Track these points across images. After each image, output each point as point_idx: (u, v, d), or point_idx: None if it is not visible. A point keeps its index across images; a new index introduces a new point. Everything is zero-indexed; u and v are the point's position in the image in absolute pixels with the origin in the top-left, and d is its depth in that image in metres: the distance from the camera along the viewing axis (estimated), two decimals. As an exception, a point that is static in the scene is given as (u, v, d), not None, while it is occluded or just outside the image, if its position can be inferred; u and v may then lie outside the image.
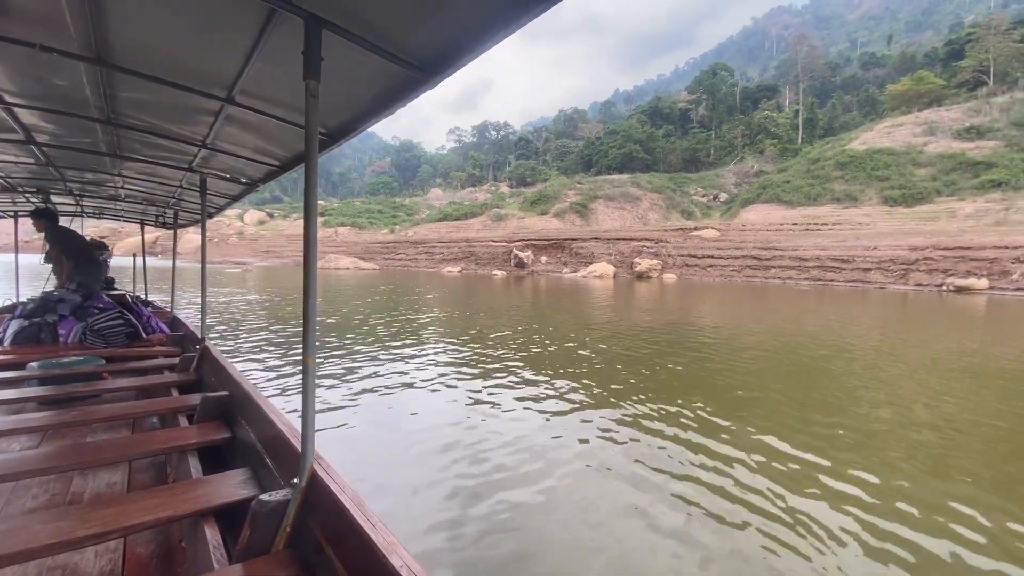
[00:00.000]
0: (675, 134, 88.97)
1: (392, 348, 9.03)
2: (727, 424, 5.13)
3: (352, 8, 1.39)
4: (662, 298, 22.32)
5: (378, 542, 1.20)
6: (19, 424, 2.68)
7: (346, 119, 2.19)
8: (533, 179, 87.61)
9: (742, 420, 5.26)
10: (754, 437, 4.79)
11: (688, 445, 4.57)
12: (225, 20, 1.54)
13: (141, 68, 1.91)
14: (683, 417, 5.34)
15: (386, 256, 55.95)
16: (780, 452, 4.46)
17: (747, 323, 13.83)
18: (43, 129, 2.87)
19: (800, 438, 4.81)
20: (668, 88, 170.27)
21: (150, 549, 1.96)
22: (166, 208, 5.52)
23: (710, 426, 5.08)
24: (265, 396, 2.40)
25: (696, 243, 41.98)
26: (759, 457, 4.32)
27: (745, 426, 5.07)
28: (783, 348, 9.86)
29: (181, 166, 3.48)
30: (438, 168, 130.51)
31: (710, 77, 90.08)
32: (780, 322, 14.02)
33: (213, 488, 1.89)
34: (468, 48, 1.41)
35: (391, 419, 5.28)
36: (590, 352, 9.01)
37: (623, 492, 3.69)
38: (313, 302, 1.58)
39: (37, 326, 4.50)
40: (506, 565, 2.80)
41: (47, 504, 2.33)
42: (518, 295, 22.86)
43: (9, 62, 1.95)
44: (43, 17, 1.59)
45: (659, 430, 4.96)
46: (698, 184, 69.29)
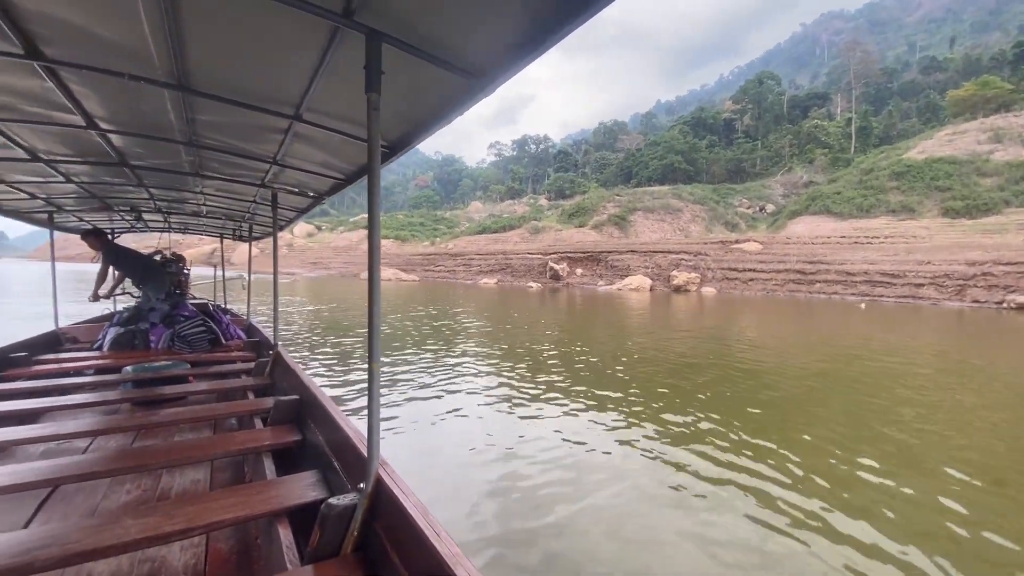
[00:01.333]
0: (719, 144, 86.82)
1: (432, 357, 9.30)
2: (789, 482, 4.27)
3: (410, 20, 1.43)
4: (702, 312, 21.82)
5: (443, 552, 1.20)
6: (116, 424, 2.92)
7: (406, 130, 2.24)
8: (572, 191, 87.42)
9: (823, 491, 4.17)
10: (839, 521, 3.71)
11: (748, 492, 4.06)
12: (292, 42, 1.61)
13: (217, 92, 2.03)
14: (741, 454, 4.83)
15: (426, 268, 57.13)
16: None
17: (799, 341, 13.09)
18: (134, 152, 3.07)
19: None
20: (711, 98, 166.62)
21: (230, 545, 2.05)
22: (242, 222, 5.86)
23: (766, 479, 4.33)
24: (332, 400, 2.49)
25: (737, 256, 40.71)
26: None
27: (818, 494, 4.08)
28: (840, 373, 9.01)
29: (255, 182, 3.68)
30: (478, 181, 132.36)
31: (756, 86, 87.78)
32: (832, 341, 13.18)
33: (286, 489, 1.96)
34: (522, 53, 1.43)
35: (433, 428, 5.44)
36: (627, 368, 8.90)
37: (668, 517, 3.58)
38: (377, 310, 1.62)
39: (131, 333, 4.93)
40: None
41: (139, 499, 2.48)
42: (552, 307, 22.93)
43: (103, 92, 2.11)
44: (131, 49, 1.70)
45: (709, 456, 4.73)
46: (743, 195, 67.18)
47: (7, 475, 2.06)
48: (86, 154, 3.06)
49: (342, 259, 67.12)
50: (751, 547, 3.26)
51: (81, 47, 1.69)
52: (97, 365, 4.31)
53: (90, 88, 2.05)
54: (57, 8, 1.47)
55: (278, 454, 2.55)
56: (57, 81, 1.93)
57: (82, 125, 2.43)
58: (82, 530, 1.61)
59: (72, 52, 1.72)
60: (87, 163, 3.25)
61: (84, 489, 2.52)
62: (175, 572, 1.87)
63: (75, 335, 5.79)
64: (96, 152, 2.99)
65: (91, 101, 2.20)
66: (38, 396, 3.49)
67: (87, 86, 2.02)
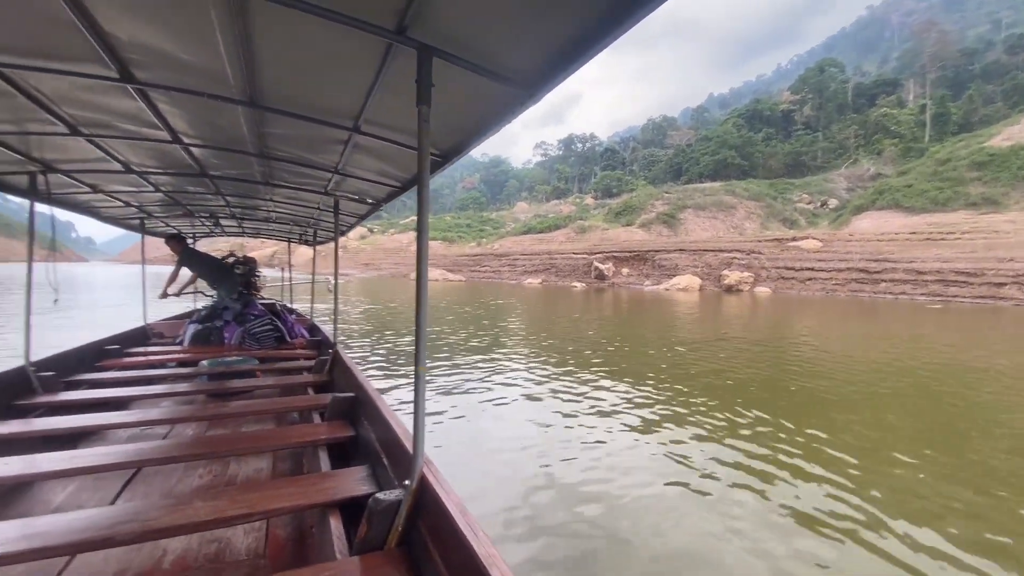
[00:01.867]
0: (776, 137, 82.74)
1: (475, 357, 9.38)
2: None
3: (459, 35, 1.48)
4: (756, 313, 20.91)
5: (479, 553, 1.23)
6: (192, 413, 3.19)
7: (456, 140, 2.32)
8: (619, 190, 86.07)
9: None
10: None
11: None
12: (350, 59, 1.72)
13: (284, 107, 2.19)
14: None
15: (472, 268, 57.91)
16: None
17: (872, 346, 11.91)
18: (212, 164, 3.33)
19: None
20: (768, 89, 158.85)
21: (287, 532, 2.17)
22: (307, 227, 6.15)
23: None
24: (383, 399, 2.60)
25: (794, 254, 38.70)
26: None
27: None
28: (927, 389, 7.67)
29: (318, 190, 3.88)
30: (524, 182, 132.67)
31: (817, 74, 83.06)
32: (911, 346, 11.99)
33: (339, 482, 2.07)
34: (569, 61, 1.44)
35: (476, 422, 5.49)
36: (677, 370, 8.63)
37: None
38: (424, 314, 1.66)
39: (208, 329, 5.34)
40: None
41: (208, 484, 2.66)
42: (595, 307, 22.67)
43: (186, 110, 2.32)
44: (210, 71, 1.86)
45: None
46: (802, 190, 63.71)
47: (100, 456, 2.30)
48: (172, 166, 3.34)
49: (392, 260, 69.18)
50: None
51: (167, 70, 1.86)
52: (178, 358, 4.70)
53: (175, 107, 2.25)
54: (147, 36, 1.63)
55: (333, 448, 2.68)
56: (147, 101, 2.14)
57: (168, 140, 2.66)
58: (159, 509, 1.77)
59: (159, 75, 1.90)
60: (173, 174, 3.54)
61: (163, 472, 2.72)
62: (238, 553, 1.98)
63: (160, 330, 6.34)
64: (180, 164, 3.25)
65: (176, 118, 2.40)
66: (127, 385, 3.83)
67: (173, 105, 2.22)
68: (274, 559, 1.95)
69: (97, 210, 4.84)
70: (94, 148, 2.83)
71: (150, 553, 1.95)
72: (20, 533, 1.60)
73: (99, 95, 2.09)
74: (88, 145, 2.77)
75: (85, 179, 3.59)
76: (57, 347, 4.10)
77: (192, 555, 1.95)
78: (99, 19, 1.51)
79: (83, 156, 3.04)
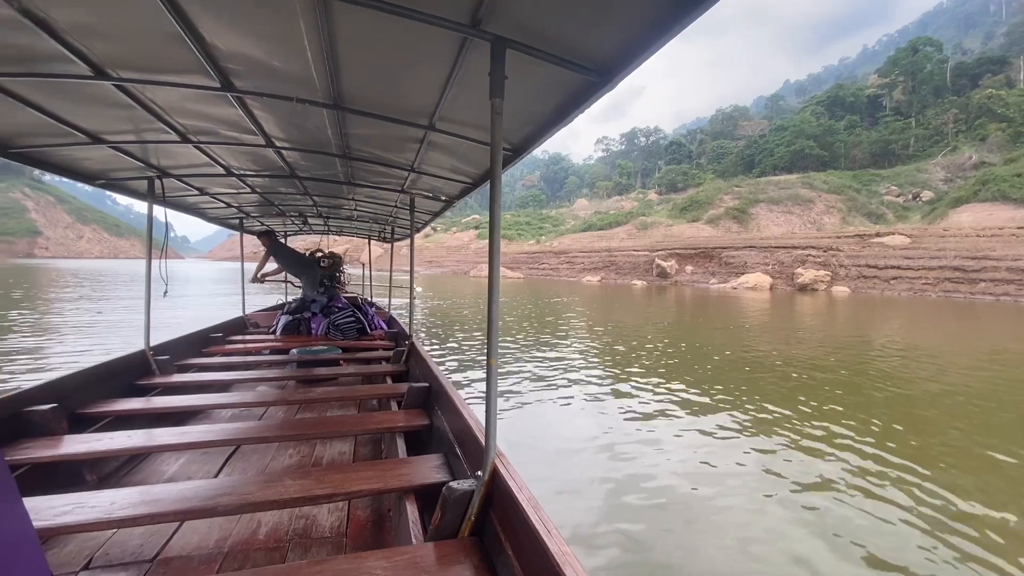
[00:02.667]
0: (861, 125, 76.48)
1: (536, 353, 9.57)
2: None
3: (534, 24, 1.47)
4: (834, 313, 19.69)
5: (553, 550, 1.21)
6: (284, 397, 3.40)
7: (528, 132, 2.33)
8: (684, 184, 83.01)
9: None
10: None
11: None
12: (426, 56, 1.76)
13: (366, 108, 2.28)
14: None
15: (530, 266, 58.22)
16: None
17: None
18: (301, 165, 3.52)
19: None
20: (853, 73, 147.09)
21: (367, 514, 2.26)
22: (385, 225, 6.46)
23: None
24: (456, 390, 2.64)
25: (878, 251, 35.82)
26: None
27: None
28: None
29: (396, 189, 4.06)
30: (584, 178, 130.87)
31: (909, 55, 75.68)
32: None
33: (415, 469, 2.11)
34: (646, 45, 1.41)
35: (536, 417, 5.55)
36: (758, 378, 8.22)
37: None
38: (496, 309, 1.66)
39: (297, 321, 5.77)
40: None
41: (298, 464, 2.83)
42: (657, 306, 22.23)
43: (277, 115, 2.47)
44: (298, 77, 1.98)
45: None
46: (891, 182, 58.55)
47: (206, 433, 2.51)
48: (266, 168, 3.59)
49: (454, 258, 70.90)
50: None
51: (262, 78, 2.02)
52: (272, 346, 5.12)
53: (268, 112, 2.43)
54: (244, 46, 1.77)
55: (409, 435, 2.79)
56: (244, 108, 2.32)
57: (262, 144, 2.88)
58: (255, 484, 1.91)
59: (255, 83, 2.06)
60: (266, 175, 3.82)
61: (258, 450, 2.95)
62: (323, 530, 2.12)
63: (256, 320, 6.91)
64: (273, 166, 3.50)
65: (269, 123, 2.59)
66: (228, 370, 4.17)
67: (266, 111, 2.40)
68: (354, 538, 2.07)
69: (203, 211, 5.30)
70: (200, 153, 3.11)
71: (247, 524, 2.13)
72: (140, 499, 1.78)
73: (204, 104, 2.28)
74: (196, 151, 3.04)
75: (194, 182, 3.93)
76: (167, 332, 4.59)
77: (283, 528, 2.11)
78: (204, 33, 1.65)
79: (192, 161, 3.33)
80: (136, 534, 2.02)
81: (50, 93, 2.12)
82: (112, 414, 2.86)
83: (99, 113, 2.37)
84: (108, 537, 2.01)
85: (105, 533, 2.02)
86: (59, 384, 2.76)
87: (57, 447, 2.28)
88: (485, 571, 1.46)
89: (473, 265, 60.94)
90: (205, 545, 1.98)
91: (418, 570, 1.44)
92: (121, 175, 3.54)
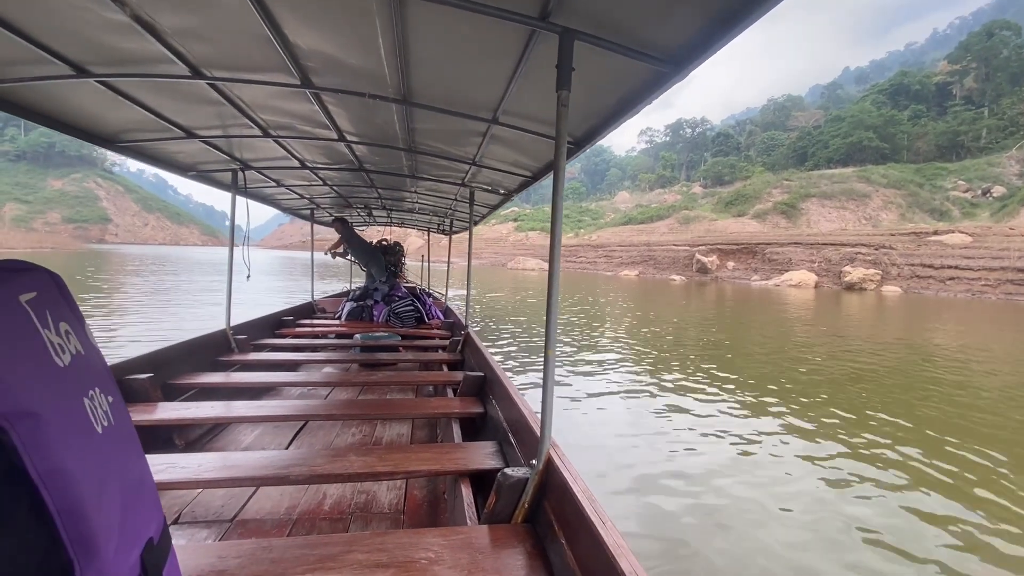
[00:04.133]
0: (927, 115, 71.42)
1: (571, 342, 9.64)
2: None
3: (602, 14, 1.44)
4: (882, 315, 18.76)
5: (608, 542, 1.20)
6: (348, 379, 3.53)
7: (592, 124, 2.29)
8: (731, 177, 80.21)
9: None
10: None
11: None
12: (494, 50, 1.76)
13: (433, 103, 2.33)
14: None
15: (567, 259, 58.05)
16: None
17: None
18: (369, 159, 3.62)
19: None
20: (920, 59, 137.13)
21: (423, 494, 2.34)
22: (445, 217, 6.59)
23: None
24: (510, 380, 2.68)
25: (934, 250, 33.73)
26: None
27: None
28: None
29: (456, 182, 4.11)
30: (626, 171, 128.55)
31: (983, 39, 69.78)
32: None
33: (469, 454, 2.16)
34: (721, 35, 1.35)
35: (575, 411, 5.49)
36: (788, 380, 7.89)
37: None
38: (556, 300, 1.65)
39: (361, 308, 6.09)
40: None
41: (360, 442, 2.96)
42: (696, 302, 21.84)
43: (350, 110, 2.54)
44: (371, 73, 2.03)
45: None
46: (959, 176, 54.72)
47: (278, 408, 2.68)
48: (337, 161, 3.73)
49: (492, 250, 71.57)
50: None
51: (337, 75, 2.09)
52: (337, 331, 5.35)
53: (341, 107, 2.51)
54: (322, 45, 1.83)
55: (464, 422, 2.85)
56: (319, 104, 2.42)
57: (335, 138, 2.98)
58: (323, 457, 2.02)
59: (330, 80, 2.14)
60: (337, 169, 3.95)
61: (324, 427, 3.11)
62: (382, 507, 2.21)
63: (324, 306, 7.24)
64: (344, 160, 3.62)
65: (341, 118, 2.69)
66: (298, 351, 4.47)
67: (339, 106, 2.50)
68: (411, 516, 2.16)
69: (279, 202, 5.60)
70: (278, 147, 3.27)
71: (314, 495, 2.26)
72: (222, 464, 1.92)
73: (284, 100, 2.41)
74: (275, 145, 3.20)
75: (272, 175, 4.17)
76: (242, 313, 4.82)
77: (347, 502, 2.23)
78: (287, 32, 1.73)
79: (271, 155, 3.51)
80: (218, 496, 2.20)
81: (153, 92, 2.30)
82: (198, 386, 3.10)
83: (193, 110, 2.56)
84: (194, 496, 2.21)
85: (191, 492, 2.22)
86: (154, 357, 2.99)
87: (153, 412, 2.49)
88: (537, 557, 1.47)
89: (511, 257, 61.35)
90: (277, 511, 2.13)
91: (473, 550, 1.47)
92: (209, 167, 3.78)
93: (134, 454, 0.67)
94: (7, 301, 0.51)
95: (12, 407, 0.46)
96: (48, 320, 0.53)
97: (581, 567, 1.31)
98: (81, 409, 0.56)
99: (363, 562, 1.38)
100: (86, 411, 0.57)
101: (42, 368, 0.50)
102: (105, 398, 0.62)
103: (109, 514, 0.56)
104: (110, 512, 0.56)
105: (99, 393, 0.60)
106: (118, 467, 0.61)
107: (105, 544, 0.54)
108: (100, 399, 0.61)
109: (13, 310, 0.51)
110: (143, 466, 0.69)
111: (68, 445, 0.51)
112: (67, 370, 0.54)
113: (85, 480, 0.52)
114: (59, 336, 0.54)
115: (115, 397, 0.66)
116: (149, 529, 0.66)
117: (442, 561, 1.41)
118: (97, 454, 0.57)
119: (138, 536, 0.63)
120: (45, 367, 0.50)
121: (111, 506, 0.57)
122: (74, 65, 1.93)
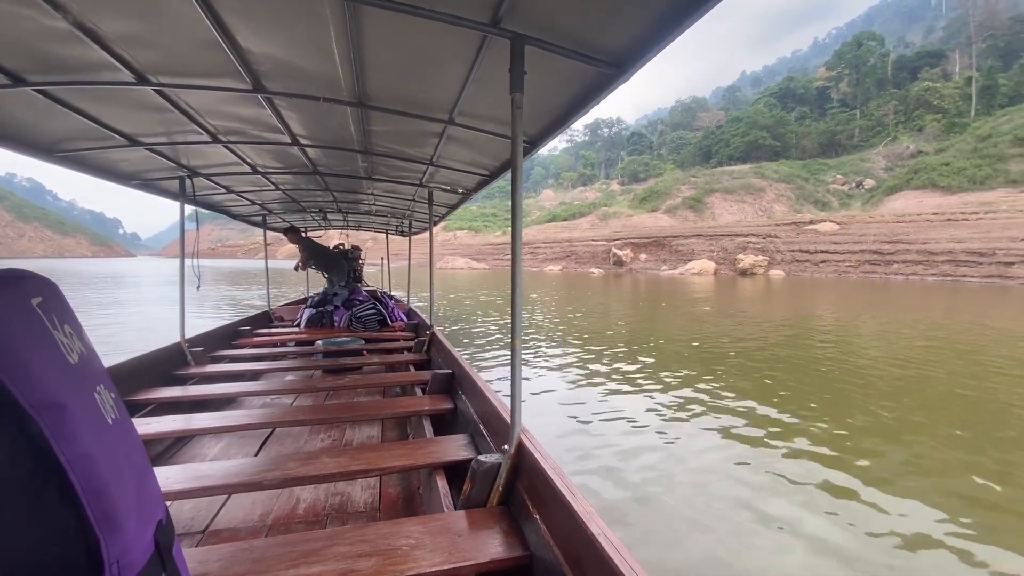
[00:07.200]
0: (810, 116, 79.59)
1: (498, 334, 10.18)
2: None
3: (551, 21, 1.50)
4: (770, 296, 21.31)
5: (578, 510, 1.27)
6: (312, 385, 3.48)
7: (545, 124, 2.34)
8: (646, 175, 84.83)
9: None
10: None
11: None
12: (448, 54, 1.80)
13: (388, 105, 2.33)
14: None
15: (495, 257, 58.98)
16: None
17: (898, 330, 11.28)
18: (323, 162, 3.56)
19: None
20: (805, 65, 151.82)
21: (397, 490, 2.35)
22: (403, 219, 6.46)
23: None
24: (479, 375, 2.73)
25: (810, 237, 38.34)
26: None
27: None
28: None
29: (414, 183, 4.07)
30: (550, 169, 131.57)
31: (853, 49, 78.98)
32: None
33: (442, 447, 2.20)
34: (661, 38, 1.42)
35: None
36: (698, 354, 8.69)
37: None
38: (519, 292, 1.70)
39: (320, 314, 5.87)
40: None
41: (330, 445, 2.93)
42: (613, 292, 23.34)
43: (303, 114, 2.51)
44: (325, 77, 2.02)
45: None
46: (837, 171, 61.29)
47: (243, 417, 2.65)
48: (290, 165, 3.67)
49: (420, 250, 69.54)
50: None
51: (290, 79, 2.07)
52: (297, 338, 5.26)
53: (294, 111, 2.49)
54: (275, 49, 1.82)
55: (435, 418, 2.88)
56: (272, 108, 2.38)
57: (288, 142, 2.94)
58: (294, 461, 2.02)
59: (283, 84, 2.11)
60: (290, 173, 3.89)
61: (292, 434, 3.06)
62: (357, 505, 2.21)
63: (281, 314, 7.08)
64: (297, 164, 3.57)
65: (294, 122, 2.65)
66: (258, 361, 4.33)
67: (292, 110, 2.46)
68: (387, 512, 2.16)
69: (228, 208, 5.39)
70: (229, 153, 3.18)
71: (287, 500, 2.23)
72: (190, 475, 1.88)
73: (234, 105, 2.36)
74: (224, 151, 3.12)
75: (221, 181, 4.00)
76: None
77: (321, 504, 2.21)
78: (238, 37, 1.71)
79: (220, 161, 3.42)
80: (187, 508, 2.14)
81: (95, 99, 2.23)
82: (156, 401, 2.98)
83: (138, 117, 2.47)
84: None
85: None
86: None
87: None
88: (513, 535, 1.54)
89: (439, 257, 61.29)
90: (250, 518, 2.09)
91: (452, 534, 1.52)
92: (154, 175, 3.64)
93: (138, 445, 0.71)
94: (23, 305, 0.54)
95: (41, 398, 0.49)
96: (56, 322, 0.58)
97: (555, 537, 1.39)
98: (94, 402, 0.60)
99: (346, 554, 1.41)
100: (98, 404, 0.61)
101: (60, 364, 0.55)
102: (109, 394, 0.66)
103: (127, 496, 0.59)
104: (127, 494, 0.60)
105: (104, 389, 0.65)
106: (128, 455, 0.65)
107: (126, 522, 0.57)
108: (106, 394, 0.65)
109: (30, 312, 0.54)
110: (146, 456, 0.72)
111: (89, 433, 0.55)
112: (78, 367, 0.59)
113: (105, 464, 0.56)
114: (66, 336, 0.59)
115: (115, 394, 0.69)
116: (158, 512, 0.70)
117: (423, 546, 1.46)
118: (111, 442, 0.60)
119: (151, 517, 0.66)
120: (62, 363, 0.55)
121: (128, 489, 0.60)
122: (9, 73, 1.86)
